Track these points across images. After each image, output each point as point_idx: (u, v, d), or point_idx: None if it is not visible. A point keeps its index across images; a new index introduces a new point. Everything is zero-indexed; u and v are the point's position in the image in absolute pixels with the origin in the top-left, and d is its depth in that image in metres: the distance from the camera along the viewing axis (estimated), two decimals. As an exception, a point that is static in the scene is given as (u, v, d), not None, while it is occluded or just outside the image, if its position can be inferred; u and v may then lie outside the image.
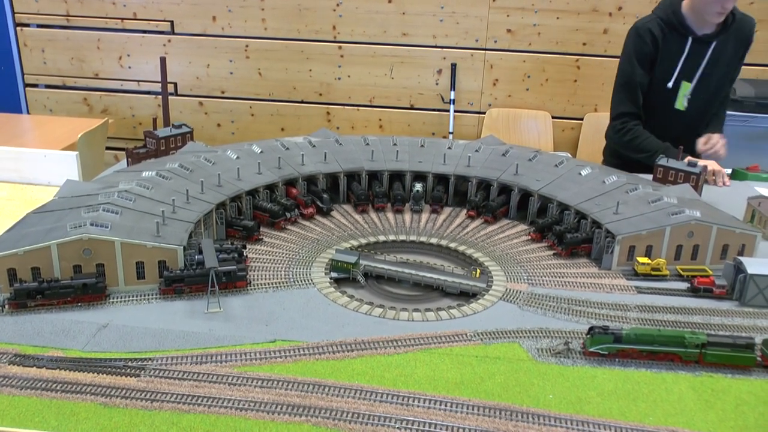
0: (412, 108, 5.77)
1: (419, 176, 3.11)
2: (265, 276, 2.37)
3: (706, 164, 3.38)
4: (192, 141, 3.29)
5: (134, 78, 5.90)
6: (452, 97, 5.61)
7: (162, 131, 3.28)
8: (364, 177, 3.09)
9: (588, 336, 1.95)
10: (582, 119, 5.66)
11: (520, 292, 2.32)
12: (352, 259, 2.39)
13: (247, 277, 2.29)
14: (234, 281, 2.24)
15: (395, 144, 3.32)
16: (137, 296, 2.18)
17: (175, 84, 5.86)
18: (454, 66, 5.57)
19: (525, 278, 2.44)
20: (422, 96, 5.72)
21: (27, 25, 5.84)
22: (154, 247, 2.19)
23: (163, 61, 3.77)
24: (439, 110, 5.74)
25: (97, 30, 5.76)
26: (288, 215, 2.80)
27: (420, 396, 1.73)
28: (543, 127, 5.66)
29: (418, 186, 3.06)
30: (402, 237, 2.77)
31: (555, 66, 5.54)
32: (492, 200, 2.98)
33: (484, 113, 5.70)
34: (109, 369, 1.79)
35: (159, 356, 1.86)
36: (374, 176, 3.12)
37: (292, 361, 1.86)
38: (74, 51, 5.84)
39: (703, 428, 1.67)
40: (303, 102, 5.84)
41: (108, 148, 5.28)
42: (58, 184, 2.67)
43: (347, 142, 3.32)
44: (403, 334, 2.01)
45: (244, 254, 2.39)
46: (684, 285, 2.41)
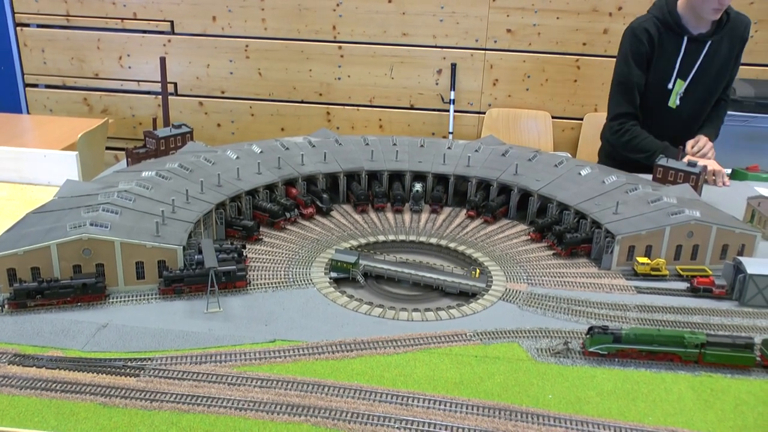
0: (412, 108, 5.77)
1: (419, 176, 3.11)
2: (265, 276, 2.37)
3: (706, 164, 3.38)
4: (192, 141, 3.29)
5: (134, 78, 5.90)
6: (452, 97, 5.61)
7: (162, 131, 3.28)
8: (364, 177, 3.09)
9: (587, 336, 1.95)
10: (582, 119, 5.66)
11: (520, 292, 2.32)
12: (352, 259, 2.39)
13: (247, 277, 2.29)
14: (233, 281, 2.24)
15: (395, 144, 3.32)
16: (137, 296, 2.18)
17: (175, 84, 5.86)
18: (454, 66, 5.57)
19: (524, 278, 2.44)
20: (422, 96, 5.72)
21: (27, 25, 5.84)
22: (154, 247, 2.19)
23: (163, 61, 3.78)
24: (439, 110, 5.74)
25: (97, 30, 5.77)
26: (288, 215, 2.80)
27: (419, 396, 1.73)
28: (543, 127, 5.66)
29: (418, 186, 3.05)
30: (401, 237, 2.77)
31: (555, 66, 5.54)
32: (492, 200, 2.98)
33: (484, 113, 5.70)
34: (109, 369, 1.79)
35: (158, 356, 1.86)
36: (374, 176, 3.13)
37: (292, 361, 1.86)
38: (74, 51, 5.84)
39: (703, 428, 1.67)
40: (303, 102, 5.84)
41: (108, 148, 5.28)
42: (58, 184, 2.67)
43: (347, 142, 3.32)
44: (403, 334, 2.01)
45: (244, 254, 2.39)
46: (683, 285, 2.41)
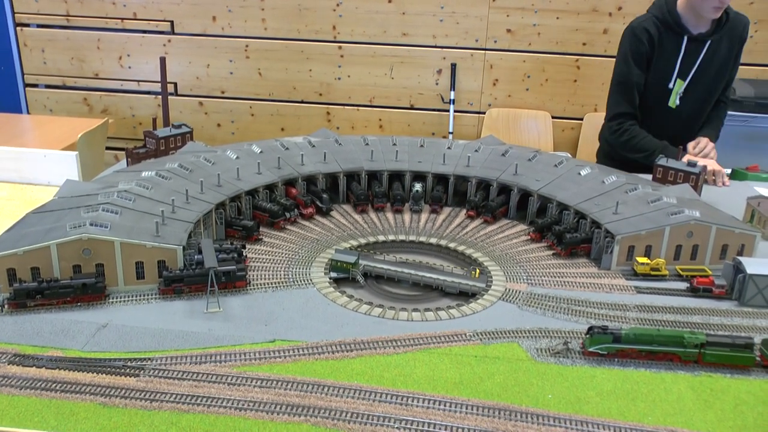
0: (412, 108, 5.77)
1: (419, 176, 3.11)
2: (265, 276, 2.37)
3: (706, 164, 3.38)
4: (192, 141, 3.30)
5: (134, 78, 5.90)
6: (452, 97, 5.61)
7: (162, 131, 3.28)
8: (364, 177, 3.09)
9: (587, 336, 1.95)
10: (582, 119, 5.66)
11: (520, 292, 2.32)
12: (352, 259, 2.39)
13: (247, 277, 2.29)
14: (233, 281, 2.24)
15: (395, 144, 3.32)
16: (137, 296, 2.18)
17: (175, 84, 5.86)
18: (454, 66, 5.58)
19: (524, 278, 2.44)
20: (422, 96, 5.72)
21: (27, 25, 5.85)
22: (154, 247, 2.19)
23: (163, 61, 3.78)
24: (439, 110, 5.74)
25: (97, 30, 5.77)
26: (287, 215, 2.80)
27: (419, 396, 1.73)
28: (543, 127, 5.66)
29: (418, 186, 3.05)
30: (401, 237, 2.77)
31: (555, 66, 5.54)
32: (491, 200, 2.98)
33: (484, 113, 5.70)
34: (109, 369, 1.79)
35: (158, 356, 1.86)
36: (374, 176, 3.13)
37: (292, 361, 1.86)
38: (74, 51, 5.84)
39: (702, 428, 1.67)
40: (303, 102, 5.84)
41: (108, 148, 5.28)
42: (58, 184, 2.67)
43: (347, 142, 3.32)
44: (403, 334, 2.01)
45: (244, 254, 2.39)
46: (683, 285, 2.41)
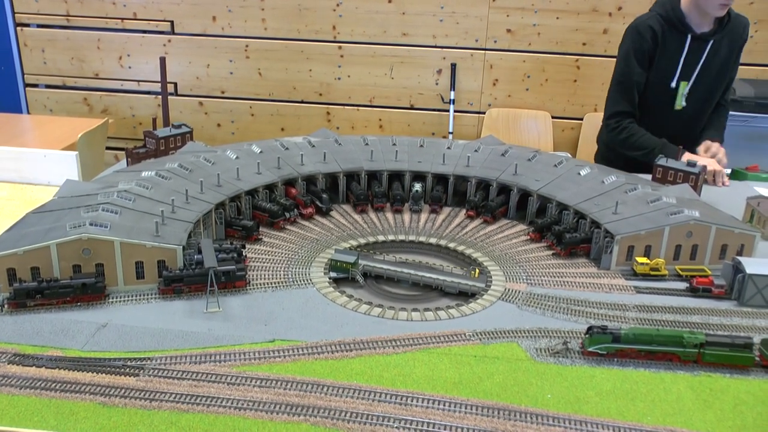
0: (412, 108, 5.77)
1: (418, 176, 3.11)
2: (265, 276, 2.37)
3: (706, 164, 3.38)
4: (192, 141, 3.30)
5: (134, 78, 5.91)
6: (452, 97, 5.61)
7: (162, 131, 3.29)
8: (364, 177, 3.09)
9: (586, 336, 1.95)
10: (582, 119, 5.66)
11: (519, 292, 2.32)
12: (351, 259, 2.40)
13: (246, 277, 2.29)
14: (233, 281, 2.24)
15: (394, 144, 3.32)
16: (136, 296, 2.18)
17: (175, 84, 5.86)
18: (454, 66, 5.58)
19: (524, 278, 2.44)
20: (422, 96, 5.72)
21: (27, 25, 5.85)
22: (154, 247, 2.19)
23: (163, 61, 3.78)
24: (439, 110, 5.74)
25: (97, 30, 5.77)
26: (287, 215, 2.80)
27: (418, 396, 1.73)
28: (543, 127, 5.66)
29: (418, 186, 3.06)
30: (401, 237, 2.77)
31: (555, 66, 5.54)
32: (491, 200, 2.99)
33: (484, 113, 5.70)
34: (108, 368, 1.79)
35: (158, 356, 1.86)
36: (373, 176, 3.13)
37: (291, 361, 1.86)
38: (74, 51, 5.84)
39: (702, 428, 1.67)
40: (303, 102, 5.84)
41: (108, 148, 5.28)
42: (58, 184, 2.67)
43: (347, 142, 3.33)
44: (402, 334, 2.01)
45: (244, 254, 2.39)
46: (683, 285, 2.41)
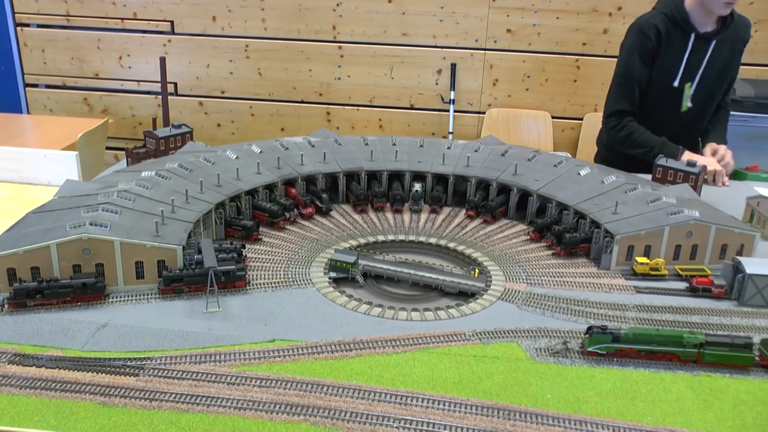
0: (412, 108, 5.77)
1: (418, 176, 3.11)
2: (264, 276, 2.37)
3: (706, 164, 3.38)
4: (192, 141, 3.30)
5: (134, 78, 5.91)
6: (452, 97, 5.61)
7: (162, 131, 3.29)
8: (364, 177, 3.09)
9: (586, 336, 1.95)
10: (582, 119, 5.66)
11: (519, 292, 2.32)
12: (351, 259, 2.40)
13: (246, 277, 2.29)
14: (233, 281, 2.24)
15: (394, 144, 3.32)
16: (136, 296, 2.18)
17: (175, 84, 5.86)
18: (454, 66, 5.58)
19: (524, 278, 2.44)
20: (422, 96, 5.72)
21: (27, 25, 5.85)
22: (154, 247, 2.19)
23: (163, 61, 3.78)
24: (439, 110, 5.74)
25: (97, 30, 5.77)
26: (287, 215, 2.80)
27: (418, 395, 1.73)
28: (543, 127, 5.66)
29: (417, 186, 3.06)
30: (401, 237, 2.77)
31: (555, 66, 5.54)
32: (491, 200, 2.99)
33: (484, 113, 5.70)
34: (108, 368, 1.79)
35: (158, 356, 1.86)
36: (373, 176, 3.13)
37: (291, 361, 1.86)
38: (74, 51, 5.84)
39: (701, 428, 1.67)
40: (303, 102, 5.84)
41: (108, 148, 5.28)
42: (58, 184, 2.67)
43: (346, 142, 3.33)
44: (402, 334, 2.01)
45: (243, 254, 2.40)
46: (683, 285, 2.41)
